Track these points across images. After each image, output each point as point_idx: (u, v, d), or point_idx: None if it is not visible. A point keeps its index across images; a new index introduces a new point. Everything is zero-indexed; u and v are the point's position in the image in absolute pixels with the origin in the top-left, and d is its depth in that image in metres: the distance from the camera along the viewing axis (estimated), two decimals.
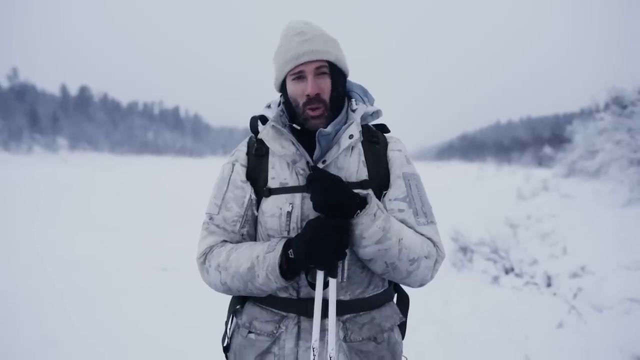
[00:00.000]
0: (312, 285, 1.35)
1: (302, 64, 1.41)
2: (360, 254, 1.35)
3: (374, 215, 1.29)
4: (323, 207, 1.30)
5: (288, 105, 1.49)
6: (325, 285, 1.34)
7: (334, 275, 1.33)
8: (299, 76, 1.43)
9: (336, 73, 1.47)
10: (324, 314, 1.35)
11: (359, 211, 1.30)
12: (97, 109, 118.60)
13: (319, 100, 1.41)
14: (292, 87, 1.44)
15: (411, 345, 1.56)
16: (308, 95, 1.41)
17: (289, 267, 1.32)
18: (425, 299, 4.69)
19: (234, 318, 1.55)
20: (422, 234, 1.41)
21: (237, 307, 1.53)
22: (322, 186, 1.29)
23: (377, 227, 1.29)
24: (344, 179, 1.41)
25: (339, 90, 1.48)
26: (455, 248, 7.03)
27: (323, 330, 1.36)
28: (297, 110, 1.44)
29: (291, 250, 1.31)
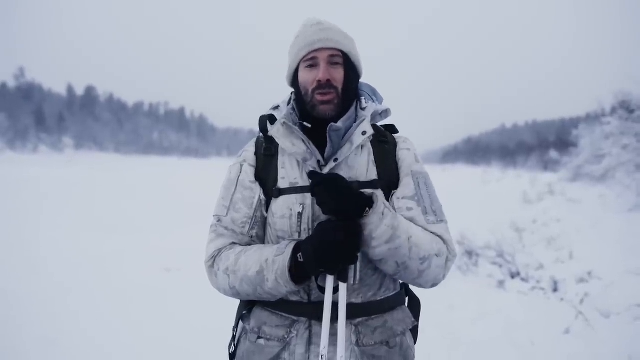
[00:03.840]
0: (322, 290, 1.32)
1: (316, 50, 1.41)
2: (370, 255, 1.31)
3: (382, 213, 1.26)
4: (332, 210, 1.26)
5: (298, 99, 1.47)
6: (336, 289, 1.31)
7: (344, 280, 1.29)
8: (312, 64, 1.42)
9: (350, 66, 1.46)
10: (335, 318, 1.31)
11: (367, 209, 1.26)
12: (103, 109, 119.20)
13: (330, 86, 1.40)
14: (304, 75, 1.43)
15: (416, 349, 1.53)
16: (319, 81, 1.39)
17: (298, 271, 1.29)
18: (430, 303, 4.62)
19: (242, 323, 1.51)
20: (432, 232, 1.37)
21: (244, 311, 1.49)
22: (328, 188, 1.25)
23: (385, 225, 1.25)
24: (354, 179, 1.40)
25: (351, 83, 1.46)
26: (461, 252, 6.99)
27: (334, 335, 1.33)
28: (306, 98, 1.43)
29: (300, 254, 1.28)
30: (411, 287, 1.56)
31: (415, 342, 1.52)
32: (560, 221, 11.13)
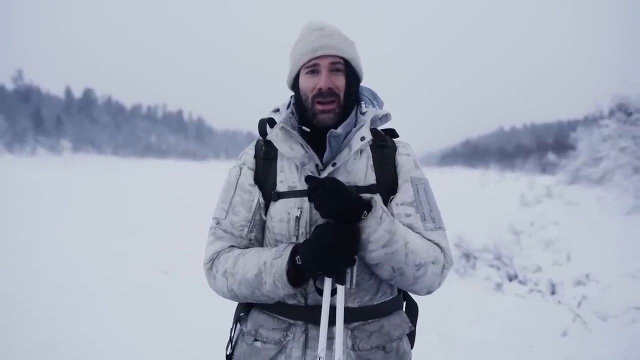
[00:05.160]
0: (321, 292, 1.32)
1: (317, 58, 1.41)
2: (367, 259, 1.31)
3: (380, 218, 1.27)
4: (331, 213, 1.26)
5: (298, 104, 1.47)
6: (333, 292, 1.31)
7: (342, 282, 1.30)
8: (313, 70, 1.42)
9: (351, 73, 1.46)
10: (332, 321, 1.31)
11: (365, 212, 1.27)
12: (101, 111, 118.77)
13: (331, 94, 1.40)
14: (305, 81, 1.43)
15: (413, 352, 1.53)
16: (320, 89, 1.39)
17: (296, 274, 1.29)
18: (427, 305, 4.62)
19: (239, 325, 1.51)
20: (429, 240, 1.37)
21: (242, 314, 1.49)
22: (326, 192, 1.25)
23: (383, 230, 1.26)
24: (352, 183, 1.40)
25: (352, 90, 1.47)
26: (458, 254, 7.00)
27: (331, 338, 1.33)
28: (307, 104, 1.43)
29: (299, 257, 1.28)
30: None
31: (412, 347, 1.52)
32: (558, 224, 11.14)
